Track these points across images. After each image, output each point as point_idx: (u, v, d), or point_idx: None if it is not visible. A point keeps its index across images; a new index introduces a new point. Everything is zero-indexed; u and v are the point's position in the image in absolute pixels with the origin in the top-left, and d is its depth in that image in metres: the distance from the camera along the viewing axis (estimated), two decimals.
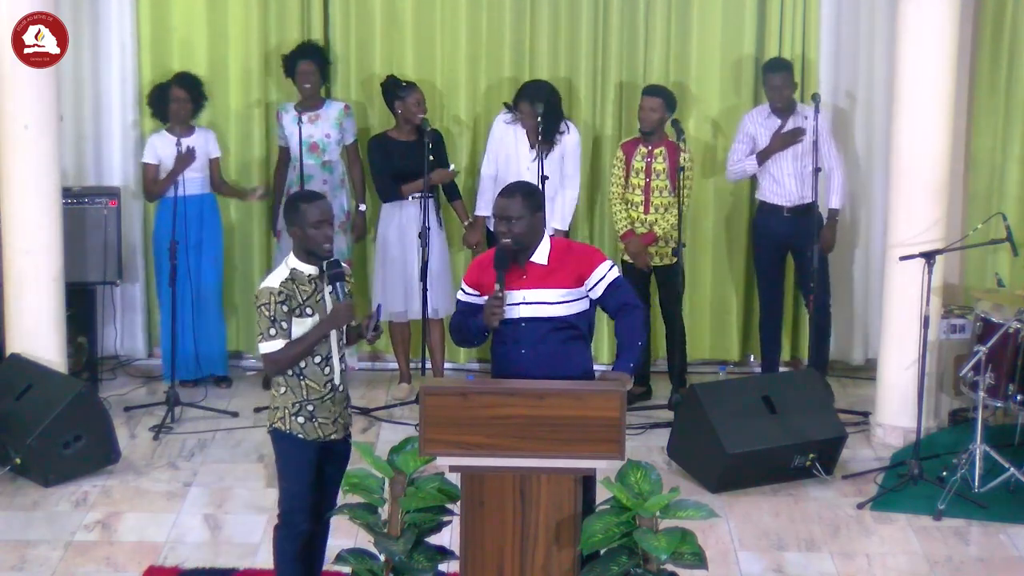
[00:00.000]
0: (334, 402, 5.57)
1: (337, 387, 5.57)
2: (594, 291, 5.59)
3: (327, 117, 8.50)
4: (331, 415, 5.57)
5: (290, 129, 8.49)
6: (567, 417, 5.12)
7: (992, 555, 6.68)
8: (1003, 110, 8.75)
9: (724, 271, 9.02)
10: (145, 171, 8.51)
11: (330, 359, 5.54)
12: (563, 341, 5.57)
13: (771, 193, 8.45)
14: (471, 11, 8.79)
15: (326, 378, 5.53)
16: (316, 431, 5.54)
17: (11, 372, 7.60)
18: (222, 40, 8.82)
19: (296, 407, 5.52)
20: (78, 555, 6.56)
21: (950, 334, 8.06)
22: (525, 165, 8.28)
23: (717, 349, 9.13)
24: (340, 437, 5.62)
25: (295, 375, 5.51)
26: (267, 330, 5.43)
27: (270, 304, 5.42)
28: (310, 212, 5.46)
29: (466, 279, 5.72)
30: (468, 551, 5.24)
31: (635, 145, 8.33)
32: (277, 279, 5.48)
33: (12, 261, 7.71)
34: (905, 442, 7.70)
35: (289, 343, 5.44)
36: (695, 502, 5.24)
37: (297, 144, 8.43)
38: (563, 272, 5.56)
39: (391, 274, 8.44)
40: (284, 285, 5.45)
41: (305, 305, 5.46)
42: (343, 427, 5.64)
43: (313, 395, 5.52)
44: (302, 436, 5.52)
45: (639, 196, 8.28)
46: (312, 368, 5.51)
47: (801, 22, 8.77)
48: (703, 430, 7.26)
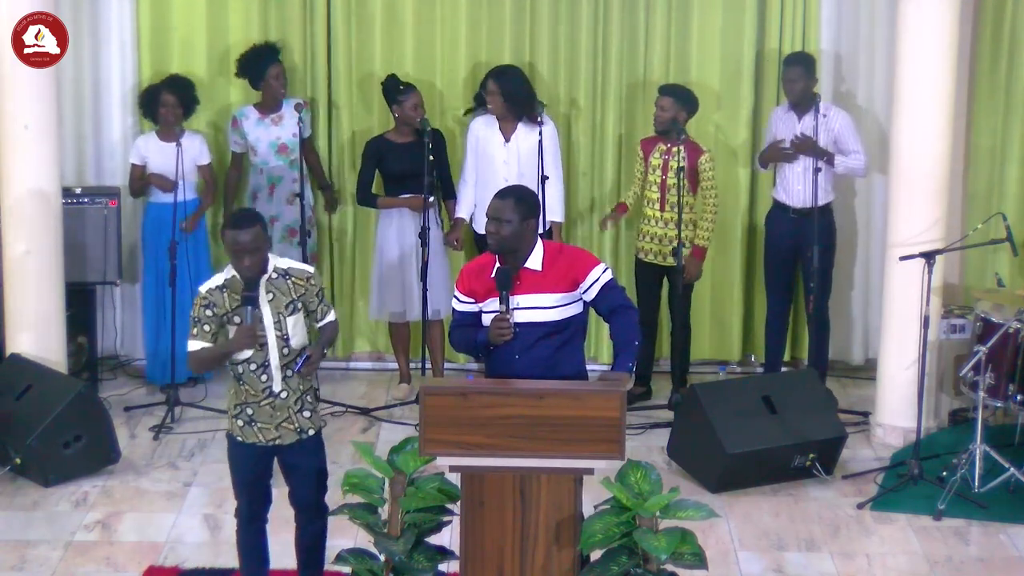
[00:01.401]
0: (275, 408, 5.61)
1: (277, 394, 5.59)
2: (588, 294, 5.61)
3: (288, 116, 8.49)
4: (272, 420, 5.62)
5: (255, 133, 8.48)
6: (567, 417, 5.12)
7: (992, 555, 6.69)
8: (1003, 110, 8.75)
9: (724, 271, 9.02)
10: (131, 171, 8.52)
11: (267, 367, 5.57)
12: (557, 346, 5.60)
13: (781, 192, 8.44)
14: (471, 11, 8.78)
15: (263, 384, 5.58)
16: (255, 435, 5.63)
17: (11, 372, 7.60)
18: (222, 40, 8.81)
19: (237, 409, 5.65)
20: (78, 555, 6.56)
21: (950, 334, 8.06)
22: (502, 159, 8.29)
23: (717, 349, 9.13)
24: (290, 441, 5.66)
25: (235, 378, 5.61)
26: (191, 329, 5.57)
27: (196, 306, 5.56)
28: (229, 239, 5.49)
29: (459, 287, 5.73)
30: (468, 551, 5.24)
31: (654, 143, 8.33)
32: (208, 285, 5.59)
33: (12, 261, 7.71)
34: (905, 442, 7.70)
35: (203, 348, 5.54)
36: (695, 502, 5.24)
37: (266, 147, 8.44)
38: (557, 276, 5.58)
39: (389, 274, 8.44)
40: (211, 292, 5.55)
41: (233, 314, 5.53)
42: (293, 432, 5.65)
43: (251, 399, 5.61)
44: (240, 438, 5.67)
45: (655, 193, 8.28)
46: (248, 374, 5.58)
47: (801, 22, 8.76)
48: (703, 430, 7.26)
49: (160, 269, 8.28)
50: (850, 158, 8.27)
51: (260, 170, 8.53)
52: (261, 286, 5.53)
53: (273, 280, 5.57)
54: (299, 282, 5.61)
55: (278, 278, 5.58)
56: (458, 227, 8.50)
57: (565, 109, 8.83)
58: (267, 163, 8.50)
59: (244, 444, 5.66)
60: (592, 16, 8.77)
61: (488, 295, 5.63)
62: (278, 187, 8.45)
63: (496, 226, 5.55)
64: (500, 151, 8.33)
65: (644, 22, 8.79)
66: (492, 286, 5.60)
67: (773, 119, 8.50)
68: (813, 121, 8.20)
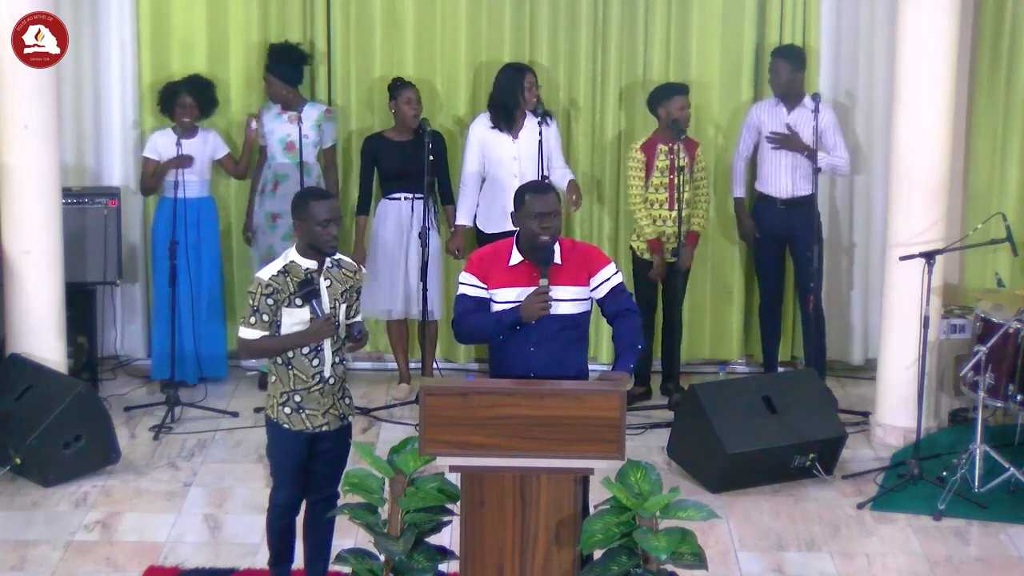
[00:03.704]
0: (323, 394, 5.64)
1: (327, 379, 5.63)
2: (597, 291, 5.60)
3: (307, 118, 8.49)
4: (320, 407, 5.65)
5: (270, 126, 8.51)
6: (567, 417, 5.12)
7: (992, 555, 6.69)
8: (1003, 110, 8.75)
9: (724, 271, 9.02)
10: (144, 165, 8.52)
11: (320, 351, 5.61)
12: (569, 341, 5.59)
13: (766, 184, 8.49)
14: (471, 11, 8.78)
15: (314, 369, 5.61)
16: (303, 422, 5.63)
17: (11, 372, 7.60)
18: (222, 40, 8.82)
19: (284, 397, 5.64)
20: (78, 555, 6.56)
21: (950, 334, 8.07)
22: (511, 155, 8.30)
23: (717, 349, 9.13)
24: (333, 428, 5.69)
25: (284, 364, 5.62)
26: (248, 317, 5.58)
27: (256, 294, 5.56)
28: (319, 210, 5.57)
29: (471, 271, 5.63)
30: (468, 551, 5.24)
31: (654, 145, 8.32)
32: (269, 272, 5.60)
33: (12, 261, 7.71)
34: (905, 442, 7.70)
35: (264, 337, 5.56)
36: (695, 502, 5.24)
37: (276, 143, 8.47)
38: (574, 270, 5.57)
39: (384, 272, 8.43)
40: (274, 279, 5.56)
41: (296, 296, 5.55)
42: (337, 418, 5.70)
43: (300, 386, 5.61)
44: (287, 426, 5.65)
45: (663, 195, 8.28)
46: (300, 359, 5.60)
47: (801, 21, 8.77)
48: (703, 430, 7.26)
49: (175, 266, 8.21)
50: (833, 156, 8.31)
51: (269, 165, 8.55)
52: (322, 272, 5.61)
53: (330, 268, 5.67)
54: (348, 274, 5.73)
55: (333, 267, 5.69)
56: (459, 235, 8.48)
57: (565, 108, 8.83)
58: (275, 159, 8.51)
59: (292, 431, 5.65)
60: (592, 16, 8.78)
61: (504, 283, 5.57)
62: (282, 185, 8.43)
63: (551, 220, 5.51)
64: (509, 148, 8.33)
65: (644, 21, 8.79)
66: (509, 273, 5.55)
67: (752, 114, 8.53)
68: (802, 115, 8.26)
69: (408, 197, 8.33)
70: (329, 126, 8.57)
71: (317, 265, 5.61)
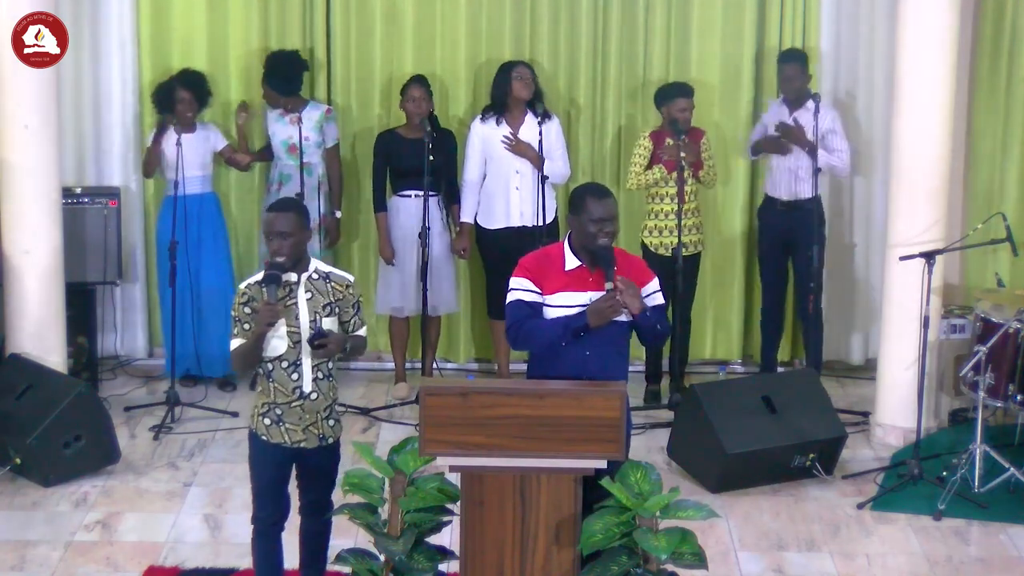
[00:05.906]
0: (303, 409, 5.57)
1: (307, 394, 5.56)
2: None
3: (308, 119, 8.50)
4: (301, 422, 5.58)
5: (273, 128, 8.53)
6: (567, 417, 5.12)
7: (992, 555, 6.69)
8: (1003, 110, 8.75)
9: (725, 271, 9.02)
10: (148, 151, 8.48)
11: (298, 365, 5.54)
12: (621, 346, 5.54)
13: (769, 185, 8.53)
14: (471, 11, 8.79)
15: (293, 384, 5.54)
16: (282, 435, 5.58)
17: (11, 372, 7.60)
18: (222, 40, 8.82)
19: (265, 408, 5.60)
20: (78, 555, 6.56)
21: (950, 334, 8.07)
22: (511, 153, 8.29)
23: (717, 349, 9.13)
24: (312, 447, 5.62)
25: (265, 376, 5.58)
26: (232, 328, 5.56)
27: (235, 304, 5.54)
28: (265, 222, 5.56)
29: (524, 275, 5.48)
30: (468, 551, 5.24)
31: (663, 137, 8.32)
32: (248, 280, 5.58)
33: (12, 261, 7.71)
34: (905, 442, 7.70)
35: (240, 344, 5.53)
36: (695, 502, 5.24)
37: (279, 144, 8.49)
38: (629, 278, 5.47)
39: (394, 269, 8.44)
40: (249, 287, 5.54)
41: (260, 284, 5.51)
42: (316, 437, 5.62)
43: (280, 399, 5.56)
44: (265, 438, 5.61)
45: (673, 188, 8.26)
46: (279, 372, 5.54)
47: (801, 20, 8.78)
48: (703, 430, 7.26)
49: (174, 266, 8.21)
50: (833, 156, 8.31)
51: (275, 165, 8.56)
52: (301, 284, 5.53)
53: (313, 280, 5.57)
54: (338, 287, 5.59)
55: (319, 279, 5.58)
56: (465, 234, 8.48)
57: (565, 108, 8.83)
58: (279, 159, 8.52)
59: (268, 444, 5.60)
60: (592, 15, 8.78)
61: (560, 287, 5.46)
62: (286, 186, 8.45)
63: (611, 224, 5.44)
64: None
65: (644, 21, 8.80)
66: (566, 277, 5.45)
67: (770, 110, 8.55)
68: (805, 116, 8.27)
69: (419, 195, 8.31)
70: (331, 126, 8.58)
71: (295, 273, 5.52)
